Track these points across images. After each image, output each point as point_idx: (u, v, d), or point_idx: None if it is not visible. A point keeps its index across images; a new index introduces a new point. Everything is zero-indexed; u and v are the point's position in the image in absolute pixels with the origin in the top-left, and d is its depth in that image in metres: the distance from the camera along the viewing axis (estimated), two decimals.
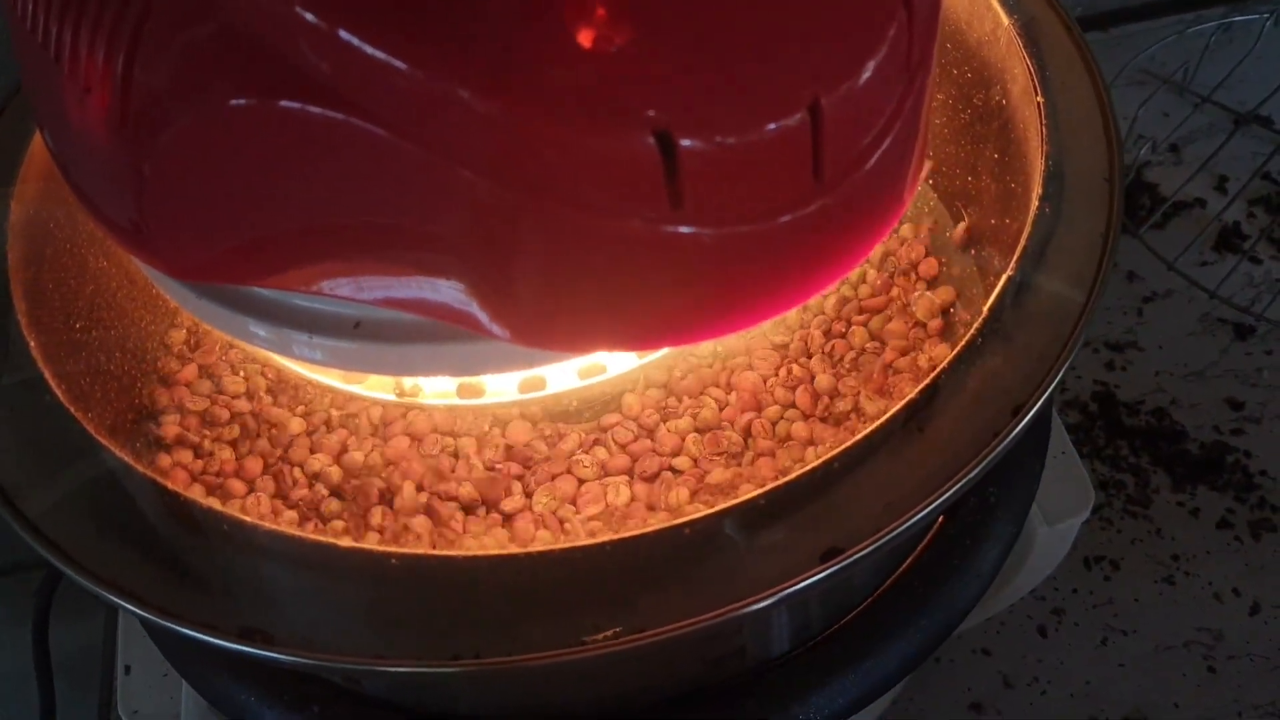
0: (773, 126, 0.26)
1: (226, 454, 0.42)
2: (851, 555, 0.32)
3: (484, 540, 0.40)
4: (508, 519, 0.41)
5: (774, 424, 0.43)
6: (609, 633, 0.31)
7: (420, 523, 0.40)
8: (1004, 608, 0.60)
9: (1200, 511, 0.66)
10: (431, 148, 0.27)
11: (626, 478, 0.41)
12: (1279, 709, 0.60)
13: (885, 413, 0.34)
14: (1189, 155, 0.81)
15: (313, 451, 0.43)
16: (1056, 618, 0.63)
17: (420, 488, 0.41)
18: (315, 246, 0.30)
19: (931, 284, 0.46)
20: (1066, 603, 0.64)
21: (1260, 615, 0.63)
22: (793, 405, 0.43)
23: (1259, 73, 0.82)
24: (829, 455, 0.33)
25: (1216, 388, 0.71)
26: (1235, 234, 0.77)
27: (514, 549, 0.37)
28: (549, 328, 0.30)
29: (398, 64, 0.26)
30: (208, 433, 0.43)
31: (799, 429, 0.42)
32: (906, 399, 0.34)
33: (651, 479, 0.41)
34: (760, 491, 0.33)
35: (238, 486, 0.41)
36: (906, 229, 0.47)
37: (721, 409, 0.43)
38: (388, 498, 0.41)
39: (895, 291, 0.46)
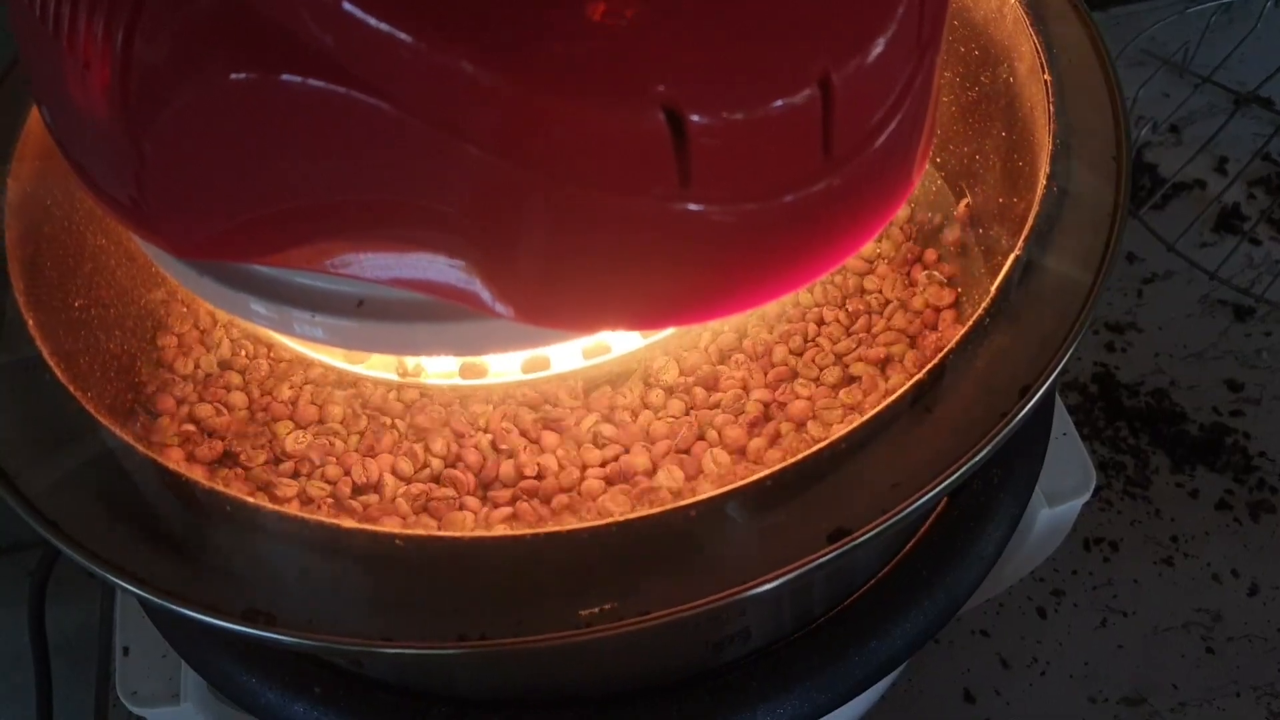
0: (782, 102, 0.26)
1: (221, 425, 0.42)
2: (858, 537, 0.32)
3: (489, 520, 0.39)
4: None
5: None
6: (612, 613, 0.31)
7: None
8: (1004, 589, 0.60)
9: (1199, 493, 0.67)
10: (437, 123, 0.26)
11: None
12: (1277, 689, 0.60)
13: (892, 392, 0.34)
14: (1189, 136, 0.81)
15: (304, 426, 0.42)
16: (1056, 599, 0.63)
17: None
18: (318, 223, 0.30)
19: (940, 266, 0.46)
20: (1066, 584, 0.64)
21: (1259, 596, 0.63)
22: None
23: (1259, 53, 0.82)
24: (836, 436, 0.33)
25: (1216, 369, 0.71)
26: (1235, 215, 0.77)
27: (519, 530, 0.36)
28: (554, 306, 0.29)
29: (402, 36, 0.26)
30: (207, 409, 0.42)
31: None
32: (914, 380, 0.34)
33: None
34: (766, 473, 0.32)
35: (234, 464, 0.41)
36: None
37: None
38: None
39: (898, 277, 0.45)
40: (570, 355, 0.37)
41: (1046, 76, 0.40)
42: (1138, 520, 0.66)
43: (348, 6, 0.26)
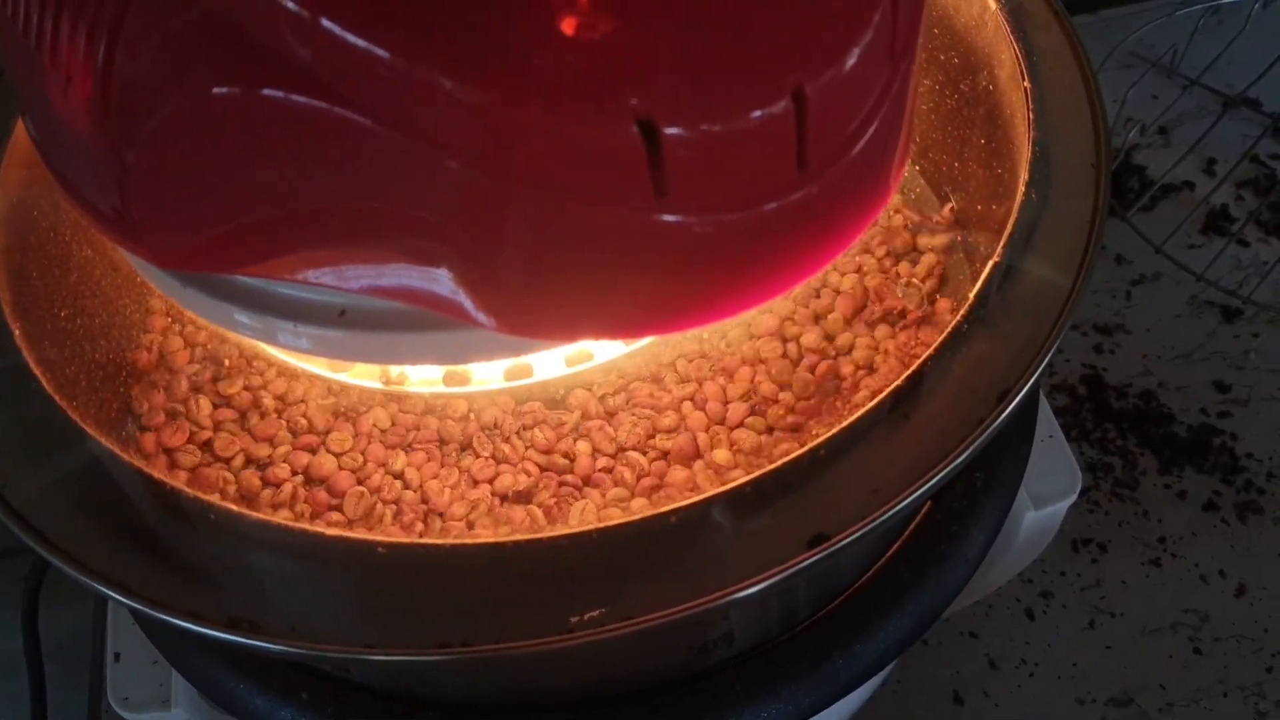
0: (757, 114, 0.26)
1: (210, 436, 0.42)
2: (838, 542, 0.32)
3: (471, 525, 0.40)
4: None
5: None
6: (595, 619, 0.31)
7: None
8: (991, 591, 0.61)
9: (1187, 494, 0.67)
10: (415, 136, 0.27)
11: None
12: (1264, 690, 0.60)
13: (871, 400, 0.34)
14: (1178, 138, 0.81)
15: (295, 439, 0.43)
16: (1044, 600, 0.64)
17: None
18: (300, 234, 0.30)
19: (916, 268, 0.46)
20: (1054, 585, 0.64)
21: (1246, 597, 0.63)
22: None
23: (1247, 55, 0.82)
24: (816, 442, 0.33)
25: (1204, 370, 0.71)
26: (1223, 216, 0.77)
27: (501, 537, 0.37)
28: (534, 316, 0.30)
29: (380, 53, 0.26)
30: (190, 421, 0.43)
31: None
32: (893, 385, 0.34)
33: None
34: (748, 478, 0.33)
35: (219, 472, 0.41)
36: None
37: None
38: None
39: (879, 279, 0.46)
40: (553, 363, 0.38)
41: (1026, 84, 0.40)
42: (1126, 521, 0.66)
43: (326, 23, 0.26)
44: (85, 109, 0.29)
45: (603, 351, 0.37)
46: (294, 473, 0.41)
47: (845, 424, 0.34)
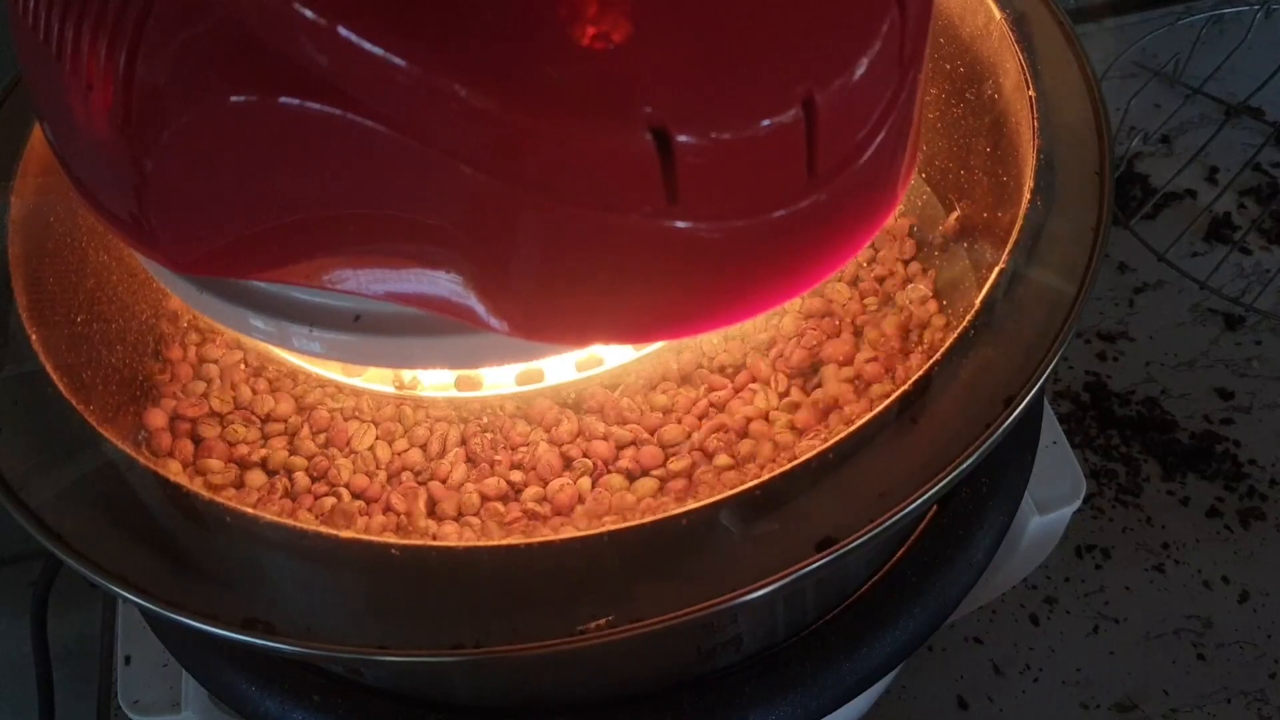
0: (767, 122, 0.27)
1: (230, 437, 0.43)
2: (845, 545, 0.32)
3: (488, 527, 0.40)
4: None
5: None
6: (605, 622, 0.31)
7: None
8: (996, 596, 0.61)
9: (1190, 500, 0.67)
10: (430, 143, 0.27)
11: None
12: (1267, 695, 0.61)
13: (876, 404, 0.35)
14: (1180, 146, 0.82)
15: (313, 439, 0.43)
16: (1048, 606, 0.64)
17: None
18: (315, 240, 0.30)
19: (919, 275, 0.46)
20: (1058, 591, 0.64)
21: (1249, 603, 0.64)
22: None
23: (1250, 64, 0.83)
24: (823, 446, 0.33)
25: (1206, 378, 0.72)
26: (1226, 225, 0.78)
27: (513, 539, 0.37)
28: (546, 321, 0.30)
29: (396, 60, 0.26)
30: (206, 421, 0.43)
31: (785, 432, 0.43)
32: (900, 390, 0.35)
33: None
34: (756, 482, 0.33)
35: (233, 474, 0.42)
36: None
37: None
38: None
39: (885, 285, 0.46)
40: (564, 368, 0.38)
41: (1031, 92, 0.40)
42: (1129, 527, 0.66)
43: (343, 31, 0.26)
44: (105, 117, 0.29)
45: (613, 356, 0.38)
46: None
47: (853, 428, 0.34)
